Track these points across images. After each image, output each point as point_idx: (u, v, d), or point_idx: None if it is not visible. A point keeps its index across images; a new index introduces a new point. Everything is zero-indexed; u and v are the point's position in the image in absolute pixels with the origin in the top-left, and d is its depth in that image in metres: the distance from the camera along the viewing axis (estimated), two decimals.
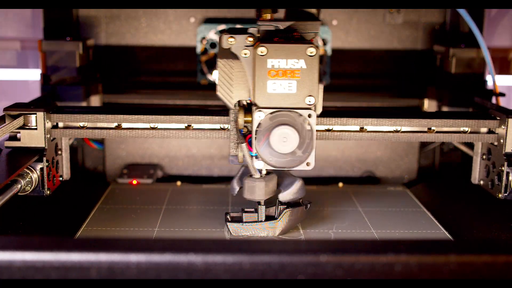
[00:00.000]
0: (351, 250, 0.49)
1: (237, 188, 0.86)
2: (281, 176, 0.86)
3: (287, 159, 0.78)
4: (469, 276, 0.48)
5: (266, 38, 0.77)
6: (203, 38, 1.12)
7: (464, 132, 0.88)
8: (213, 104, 1.12)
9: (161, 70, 1.16)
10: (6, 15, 1.21)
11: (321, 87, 0.78)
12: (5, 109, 0.84)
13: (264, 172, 0.82)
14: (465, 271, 0.48)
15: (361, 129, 0.86)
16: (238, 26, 1.12)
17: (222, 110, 0.86)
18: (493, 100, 1.03)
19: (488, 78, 1.09)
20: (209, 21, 1.13)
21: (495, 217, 0.91)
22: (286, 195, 0.83)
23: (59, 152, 0.89)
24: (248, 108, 0.81)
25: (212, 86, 1.14)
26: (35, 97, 0.99)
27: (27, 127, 0.84)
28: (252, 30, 0.78)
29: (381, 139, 0.86)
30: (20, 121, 0.83)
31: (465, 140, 0.89)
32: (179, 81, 1.16)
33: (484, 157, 0.90)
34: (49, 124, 0.85)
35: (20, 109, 0.84)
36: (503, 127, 0.85)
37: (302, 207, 0.86)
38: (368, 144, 1.15)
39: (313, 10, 0.80)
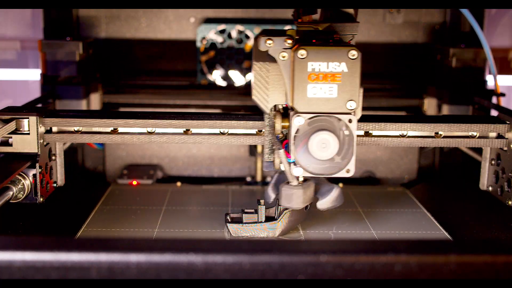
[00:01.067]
0: (351, 250, 0.49)
1: (273, 196, 0.85)
2: (317, 183, 0.83)
3: (325, 165, 0.75)
4: (469, 276, 0.48)
5: (305, 40, 0.75)
6: (203, 38, 1.12)
7: (473, 136, 0.84)
8: (213, 104, 1.12)
9: (161, 70, 1.16)
10: (6, 15, 1.21)
11: (362, 91, 0.75)
12: None
13: (301, 179, 0.80)
14: (465, 271, 0.48)
15: (366, 134, 0.83)
16: (238, 26, 1.12)
17: (220, 113, 0.85)
18: (494, 100, 1.03)
19: (488, 78, 1.09)
20: (209, 21, 1.13)
21: (495, 217, 0.90)
22: (324, 203, 0.82)
23: (53, 157, 0.85)
24: (284, 113, 0.78)
25: (212, 86, 1.14)
26: (35, 97, 0.99)
27: (19, 132, 0.80)
28: (290, 32, 0.76)
29: (387, 144, 0.83)
30: (12, 125, 0.80)
31: (474, 145, 0.85)
32: (179, 81, 1.16)
33: (493, 162, 0.88)
34: (42, 129, 0.81)
35: (12, 113, 0.81)
36: None
37: (302, 208, 0.86)
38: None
39: (351, 11, 0.78)
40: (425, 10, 1.14)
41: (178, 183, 1.10)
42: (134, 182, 1.09)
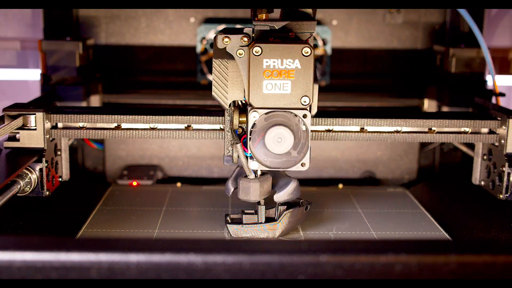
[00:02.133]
0: (351, 250, 0.49)
1: (232, 189, 0.86)
2: (276, 177, 0.85)
3: (282, 159, 0.77)
4: (469, 276, 0.48)
5: (261, 38, 0.77)
6: (203, 38, 1.12)
7: (465, 132, 0.87)
8: (214, 104, 1.11)
9: (161, 70, 1.16)
10: (6, 15, 1.21)
11: (316, 87, 0.77)
12: (4, 109, 0.83)
13: (259, 172, 0.82)
14: (465, 271, 0.48)
15: (361, 130, 0.86)
16: (238, 26, 1.12)
17: (221, 111, 0.86)
18: (493, 100, 1.03)
19: (488, 78, 1.09)
20: (209, 21, 1.13)
21: (495, 218, 0.90)
22: (281, 196, 0.83)
23: (59, 153, 0.88)
24: (243, 109, 0.81)
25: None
26: (35, 97, 0.99)
27: (26, 128, 0.83)
28: (247, 30, 0.78)
29: (381, 139, 0.86)
30: (19, 121, 0.83)
31: (466, 141, 0.88)
32: (179, 81, 1.16)
33: (485, 157, 0.90)
34: (48, 125, 0.84)
35: (19, 109, 0.84)
36: (504, 127, 0.85)
37: (302, 208, 0.86)
38: (368, 144, 1.15)
39: (309, 10, 0.80)
40: (425, 10, 1.14)
41: (178, 184, 1.10)
42: (134, 183, 1.09)
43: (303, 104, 0.76)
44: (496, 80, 1.02)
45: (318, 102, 0.81)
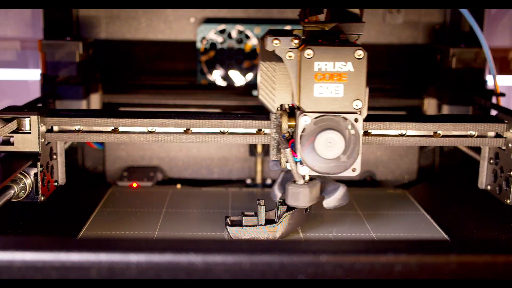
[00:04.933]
0: (351, 250, 0.49)
1: (279, 195, 0.85)
2: (323, 182, 0.84)
3: (331, 164, 0.76)
4: (469, 276, 0.48)
5: (311, 40, 0.75)
6: (203, 38, 1.12)
7: (471, 136, 0.85)
8: (214, 104, 1.12)
9: (161, 70, 1.16)
10: (6, 15, 1.21)
11: (367, 90, 0.76)
12: None
13: (307, 178, 0.80)
14: (465, 271, 0.48)
15: (366, 133, 0.83)
16: (238, 26, 1.12)
17: (220, 113, 0.85)
18: (493, 100, 1.03)
19: (488, 78, 1.09)
20: (209, 21, 1.13)
21: (495, 219, 0.90)
22: (330, 202, 0.82)
23: (54, 157, 0.86)
24: (290, 112, 0.79)
25: (212, 86, 1.14)
26: (35, 97, 0.99)
27: (21, 131, 0.80)
28: (296, 32, 0.76)
29: (385, 143, 0.84)
30: (13, 125, 0.80)
31: (472, 145, 0.85)
32: (179, 81, 1.16)
33: (491, 161, 0.88)
34: (43, 128, 0.82)
35: (13, 112, 0.81)
36: (511, 131, 0.83)
37: (302, 210, 0.86)
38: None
39: (356, 11, 0.78)
40: (425, 10, 1.14)
41: (178, 185, 1.10)
42: (134, 184, 1.09)
43: (355, 108, 0.74)
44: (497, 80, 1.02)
45: None
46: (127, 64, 1.15)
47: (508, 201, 0.84)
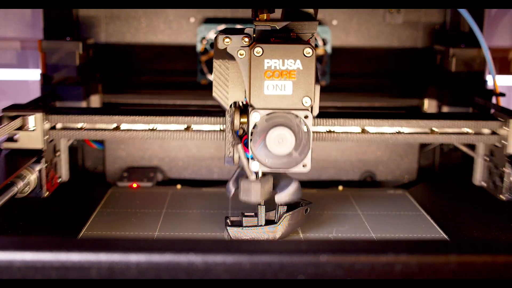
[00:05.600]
0: (351, 250, 0.49)
1: (232, 190, 0.85)
2: (277, 178, 0.85)
3: (283, 160, 0.77)
4: (469, 276, 0.48)
5: (262, 38, 0.77)
6: (203, 38, 1.12)
7: (466, 133, 0.87)
8: (214, 104, 1.11)
9: (161, 70, 1.16)
10: (6, 15, 1.21)
11: (318, 88, 0.77)
12: (3, 110, 0.83)
13: (260, 174, 0.81)
14: (465, 271, 0.48)
15: (362, 131, 0.85)
16: (238, 26, 1.12)
17: (221, 111, 0.86)
18: (493, 100, 1.03)
19: (488, 78, 1.09)
20: (209, 21, 1.13)
21: (495, 219, 0.90)
22: (282, 197, 0.82)
23: (58, 154, 0.88)
24: (244, 109, 0.80)
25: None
26: (35, 97, 0.99)
27: (25, 129, 0.83)
28: (248, 30, 0.77)
29: (382, 140, 0.85)
30: (18, 122, 0.82)
31: (467, 142, 0.88)
32: (179, 81, 1.16)
33: (486, 158, 0.90)
34: (47, 125, 0.84)
35: (18, 110, 0.83)
36: (505, 128, 0.85)
37: (302, 211, 0.86)
38: (368, 144, 1.15)
39: (310, 10, 0.79)
40: (425, 10, 1.14)
41: (178, 186, 1.10)
42: (134, 185, 1.09)
43: (304, 105, 0.76)
44: (496, 80, 1.02)
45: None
46: (127, 64, 1.15)
47: (502, 197, 0.86)
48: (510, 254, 0.49)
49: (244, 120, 0.79)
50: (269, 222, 0.84)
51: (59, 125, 0.86)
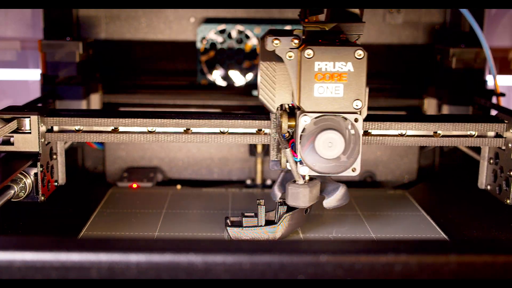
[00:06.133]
0: (351, 250, 0.49)
1: (279, 194, 0.85)
2: (323, 182, 0.83)
3: (331, 164, 0.76)
4: (469, 276, 0.48)
5: (311, 40, 0.75)
6: (203, 38, 1.12)
7: (471, 136, 0.85)
8: (213, 104, 1.12)
9: (161, 70, 1.16)
10: (6, 15, 1.21)
11: (367, 90, 0.76)
12: None
13: (307, 178, 0.80)
14: (465, 271, 0.48)
15: (366, 133, 0.83)
16: (238, 26, 1.12)
17: (220, 113, 0.85)
18: (494, 100, 1.03)
19: (488, 78, 1.09)
20: (209, 21, 1.13)
21: (495, 219, 0.90)
22: (330, 202, 0.81)
23: (54, 157, 0.86)
24: (290, 112, 0.79)
25: (212, 86, 1.14)
26: (35, 97, 0.99)
27: (21, 131, 0.80)
28: (297, 32, 0.76)
29: (385, 143, 0.83)
30: (13, 125, 0.80)
31: (472, 145, 0.85)
32: (179, 81, 1.16)
33: (491, 161, 0.88)
34: (43, 128, 0.82)
35: (13, 112, 0.81)
36: (511, 131, 0.83)
37: (302, 211, 0.86)
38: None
39: (356, 11, 0.78)
40: (425, 10, 1.14)
41: (178, 186, 1.10)
42: (134, 185, 1.09)
43: (355, 108, 0.74)
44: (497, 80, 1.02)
45: None
46: (127, 64, 1.15)
47: (508, 201, 0.84)
48: (510, 254, 0.49)
49: (291, 123, 0.78)
50: (269, 222, 0.84)
51: (55, 128, 0.84)
